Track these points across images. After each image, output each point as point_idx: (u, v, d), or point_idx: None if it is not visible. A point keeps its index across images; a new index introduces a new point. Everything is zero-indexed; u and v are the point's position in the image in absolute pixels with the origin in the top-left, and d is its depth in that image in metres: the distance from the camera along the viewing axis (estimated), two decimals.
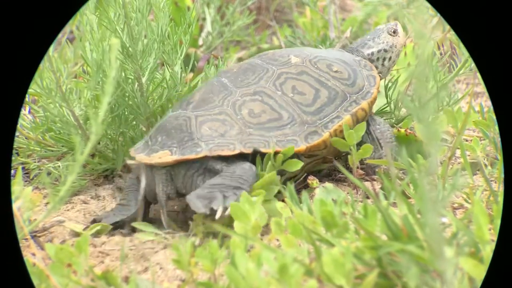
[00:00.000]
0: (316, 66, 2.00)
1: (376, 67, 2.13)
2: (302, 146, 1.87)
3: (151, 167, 1.85)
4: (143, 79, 2.08)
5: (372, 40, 2.15)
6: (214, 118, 1.88)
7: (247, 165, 1.82)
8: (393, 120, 2.27)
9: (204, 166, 1.83)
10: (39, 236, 1.80)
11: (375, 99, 2.01)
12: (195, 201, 1.72)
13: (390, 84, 2.27)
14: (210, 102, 1.91)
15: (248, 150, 1.83)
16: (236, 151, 1.82)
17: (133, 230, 1.84)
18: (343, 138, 1.93)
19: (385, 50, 2.14)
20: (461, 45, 2.11)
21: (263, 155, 1.84)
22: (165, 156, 1.82)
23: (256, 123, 1.88)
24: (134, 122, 2.16)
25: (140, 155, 1.85)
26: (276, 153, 1.84)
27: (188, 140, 1.84)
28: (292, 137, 1.88)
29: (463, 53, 2.16)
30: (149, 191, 1.86)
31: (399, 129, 2.08)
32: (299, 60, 2.01)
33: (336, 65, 2.02)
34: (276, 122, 1.89)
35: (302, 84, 1.96)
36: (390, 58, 2.15)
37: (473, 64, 2.15)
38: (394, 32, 2.16)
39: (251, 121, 1.88)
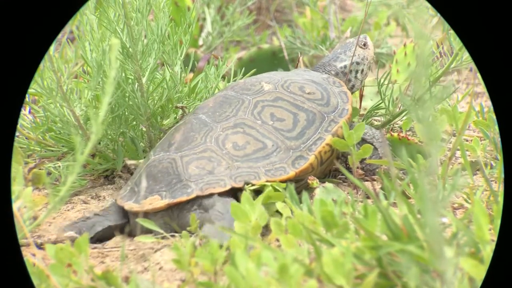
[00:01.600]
0: (289, 90, 2.00)
1: (350, 80, 2.16)
2: (291, 173, 1.86)
3: (144, 213, 1.83)
4: (143, 79, 2.08)
5: (343, 53, 2.18)
6: (200, 156, 1.86)
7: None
8: (388, 117, 2.27)
9: (197, 204, 1.81)
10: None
11: (351, 114, 2.02)
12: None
13: (382, 81, 2.27)
14: (193, 140, 1.89)
15: (239, 185, 1.81)
16: (228, 187, 1.80)
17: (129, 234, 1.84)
18: (328, 158, 1.95)
19: (357, 63, 2.17)
20: (453, 38, 2.11)
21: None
22: (155, 202, 1.81)
23: (242, 155, 1.87)
24: (135, 122, 2.17)
25: (128, 203, 1.84)
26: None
27: (177, 182, 1.82)
28: (280, 164, 1.87)
29: (454, 46, 2.16)
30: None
31: (392, 133, 2.09)
32: (272, 86, 2.00)
33: (307, 86, 2.02)
34: (262, 152, 1.88)
35: (279, 111, 1.96)
36: (362, 71, 2.17)
37: (473, 64, 2.15)
38: (364, 45, 2.17)
39: (237, 154, 1.86)
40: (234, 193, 1.81)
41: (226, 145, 1.87)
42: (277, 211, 1.71)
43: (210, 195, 1.79)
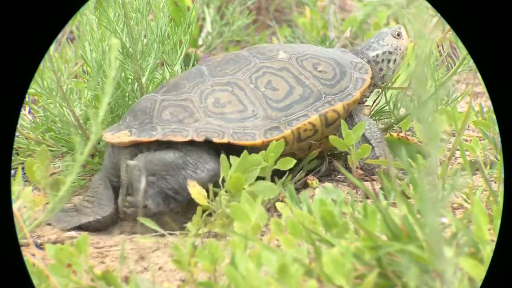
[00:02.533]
0: (301, 64, 2.00)
1: (381, 69, 2.14)
2: (258, 140, 1.87)
3: (118, 148, 1.89)
4: (143, 79, 2.08)
5: (376, 42, 2.16)
6: (178, 103, 1.90)
7: (208, 166, 1.83)
8: (392, 120, 2.27)
9: (163, 147, 1.85)
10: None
11: (355, 101, 2.00)
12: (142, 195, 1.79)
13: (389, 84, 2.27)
14: (181, 87, 1.93)
15: (200, 139, 1.84)
16: (188, 138, 1.83)
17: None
18: (309, 137, 1.94)
19: (390, 52, 2.14)
20: (460, 43, 2.11)
21: (230, 151, 1.84)
22: (123, 136, 1.86)
23: (218, 112, 1.89)
24: None
25: (106, 134, 1.90)
26: (231, 144, 1.84)
27: (148, 123, 1.87)
28: (251, 130, 1.88)
29: (461, 52, 2.16)
30: (113, 171, 1.91)
31: (391, 133, 2.08)
32: (286, 56, 2.01)
33: (323, 64, 2.02)
34: (239, 114, 1.90)
35: (278, 80, 1.96)
36: (394, 60, 2.15)
37: (473, 64, 2.15)
38: (398, 35, 2.16)
39: (213, 110, 1.89)
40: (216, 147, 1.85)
41: (208, 99, 1.90)
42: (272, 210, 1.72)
43: (170, 141, 1.83)
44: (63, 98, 2.04)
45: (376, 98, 2.27)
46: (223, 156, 1.79)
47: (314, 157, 2.00)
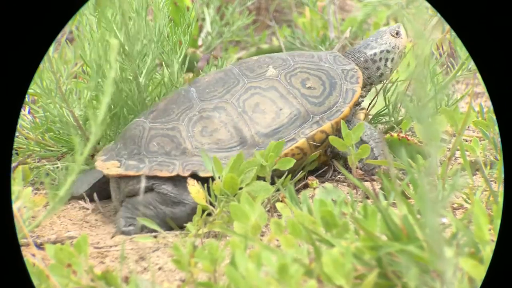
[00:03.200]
0: (289, 81, 1.98)
1: (379, 68, 2.12)
2: None
3: None
4: (141, 79, 2.07)
5: (374, 41, 2.15)
6: (165, 133, 1.89)
7: (187, 207, 1.84)
8: (392, 122, 2.27)
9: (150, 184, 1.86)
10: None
11: (345, 116, 1.98)
12: (121, 222, 1.85)
13: (389, 86, 2.26)
14: (169, 114, 1.92)
15: (185, 174, 1.82)
16: (174, 173, 1.83)
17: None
18: (299, 159, 1.94)
19: (388, 51, 2.13)
20: (460, 44, 2.11)
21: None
22: (112, 167, 1.87)
23: (205, 142, 1.88)
24: None
25: (100, 158, 1.92)
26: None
27: (136, 154, 1.88)
28: None
29: (460, 56, 2.16)
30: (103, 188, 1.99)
31: (392, 134, 2.08)
32: (275, 73, 1.99)
33: (312, 79, 2.00)
34: (224, 143, 1.89)
35: (266, 102, 1.94)
36: (392, 59, 2.13)
37: (473, 64, 2.15)
38: (396, 33, 2.15)
39: (201, 140, 1.88)
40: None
41: (196, 127, 1.90)
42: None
43: (156, 177, 1.84)
44: (62, 99, 2.04)
45: (372, 100, 2.26)
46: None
47: (315, 158, 1.99)
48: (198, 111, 1.91)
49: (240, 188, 1.76)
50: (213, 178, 1.78)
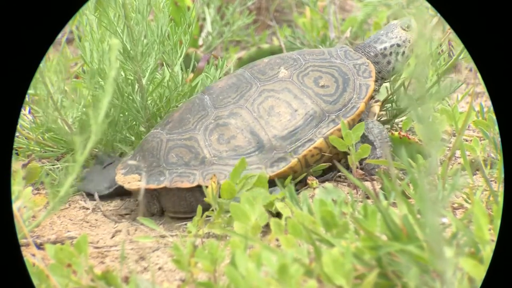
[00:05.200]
0: (302, 81, 1.98)
1: (389, 62, 2.11)
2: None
3: None
4: (143, 80, 2.07)
5: (385, 35, 2.13)
6: (183, 144, 1.90)
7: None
8: (395, 112, 2.26)
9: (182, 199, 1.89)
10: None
11: (361, 112, 1.98)
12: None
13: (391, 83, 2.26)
14: (185, 124, 1.92)
15: (206, 184, 1.81)
16: (194, 184, 1.84)
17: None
18: (317, 160, 1.94)
19: (398, 45, 2.11)
20: (456, 38, 2.11)
21: None
22: (133, 181, 1.88)
23: (223, 150, 1.88)
24: (134, 122, 2.16)
25: (119, 172, 1.93)
26: None
27: (156, 167, 1.89)
28: (257, 165, 1.87)
29: (454, 49, 2.15)
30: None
31: (393, 132, 2.08)
32: (287, 74, 1.99)
33: (325, 77, 2.00)
34: (243, 149, 1.88)
35: (280, 104, 1.94)
36: (403, 53, 2.11)
37: (473, 65, 2.15)
38: (407, 27, 2.13)
39: (218, 148, 1.88)
40: None
41: (212, 136, 1.89)
42: (271, 212, 1.72)
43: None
44: (54, 108, 2.04)
45: (384, 100, 2.24)
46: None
47: (324, 168, 1.99)
48: (214, 119, 1.91)
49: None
50: None
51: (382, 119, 2.28)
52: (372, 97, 2.08)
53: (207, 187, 1.74)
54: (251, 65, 2.06)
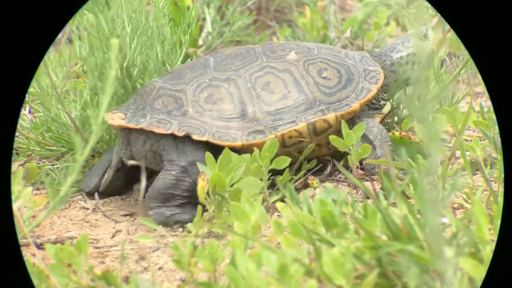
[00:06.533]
0: (306, 68, 1.99)
1: (405, 72, 2.10)
2: (238, 143, 1.88)
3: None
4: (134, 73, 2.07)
5: (401, 44, 2.13)
6: (172, 94, 1.93)
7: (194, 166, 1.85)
8: (395, 119, 2.26)
9: (154, 147, 1.90)
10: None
11: (352, 112, 1.97)
12: (159, 220, 1.84)
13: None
14: (182, 77, 1.96)
15: (180, 134, 1.86)
16: (169, 132, 1.87)
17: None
18: (295, 143, 1.93)
19: (414, 54, 2.11)
20: (462, 47, 2.11)
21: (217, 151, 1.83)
22: (117, 119, 1.91)
23: (207, 108, 1.91)
24: None
25: (111, 111, 1.96)
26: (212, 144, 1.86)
27: (141, 109, 1.92)
28: (234, 131, 1.89)
29: (459, 56, 2.15)
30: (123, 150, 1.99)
31: (394, 132, 2.08)
32: (295, 58, 2.00)
33: (331, 70, 2.00)
34: (227, 113, 1.91)
35: (277, 82, 1.96)
36: (419, 62, 2.10)
37: (473, 65, 2.15)
38: (424, 36, 2.12)
39: (204, 106, 1.91)
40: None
41: (202, 93, 1.93)
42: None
43: (153, 132, 1.88)
44: (58, 101, 2.04)
45: (389, 113, 2.24)
46: (208, 154, 1.77)
47: (310, 151, 1.98)
48: (209, 79, 1.95)
49: (232, 185, 1.76)
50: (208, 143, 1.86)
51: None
52: (378, 108, 2.09)
53: (179, 136, 1.83)
54: (267, 43, 2.09)
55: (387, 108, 2.21)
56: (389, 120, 2.27)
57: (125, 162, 1.97)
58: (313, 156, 2.01)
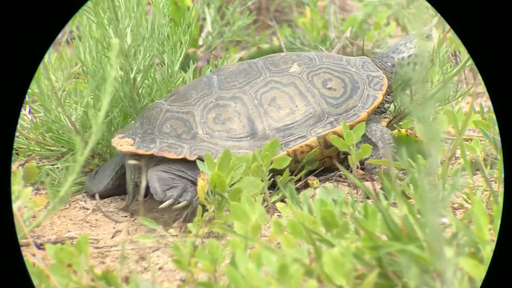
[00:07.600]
0: (310, 80, 1.99)
1: (407, 73, 2.10)
2: None
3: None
4: (138, 79, 2.07)
5: (404, 45, 2.12)
6: (180, 116, 1.92)
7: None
8: (397, 114, 2.25)
9: (156, 160, 1.90)
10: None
11: (361, 120, 1.97)
12: (155, 184, 1.82)
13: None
14: (188, 98, 1.95)
15: (192, 158, 1.85)
16: (181, 156, 1.86)
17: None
18: (303, 159, 1.94)
19: (416, 55, 2.10)
20: (462, 47, 2.11)
21: None
22: (125, 145, 1.90)
23: (216, 129, 1.90)
24: (130, 118, 2.15)
25: (118, 135, 1.95)
26: None
27: (149, 134, 1.91)
28: (245, 150, 1.88)
29: (460, 56, 2.15)
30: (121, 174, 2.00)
31: (400, 129, 2.07)
32: (298, 70, 2.00)
33: (335, 80, 2.00)
34: (237, 132, 1.91)
35: (283, 97, 1.96)
36: (422, 63, 2.09)
37: (473, 65, 2.15)
38: (426, 37, 2.11)
39: (213, 126, 1.91)
40: None
41: (209, 114, 1.92)
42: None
43: (164, 158, 1.87)
44: (58, 104, 2.04)
45: (393, 119, 2.23)
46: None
47: (313, 156, 1.98)
48: (215, 98, 1.94)
49: (232, 185, 1.75)
50: None
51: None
52: (383, 112, 2.09)
53: (191, 161, 1.81)
54: (271, 55, 2.08)
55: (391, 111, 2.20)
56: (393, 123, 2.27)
57: (125, 162, 1.97)
58: (323, 166, 2.02)
